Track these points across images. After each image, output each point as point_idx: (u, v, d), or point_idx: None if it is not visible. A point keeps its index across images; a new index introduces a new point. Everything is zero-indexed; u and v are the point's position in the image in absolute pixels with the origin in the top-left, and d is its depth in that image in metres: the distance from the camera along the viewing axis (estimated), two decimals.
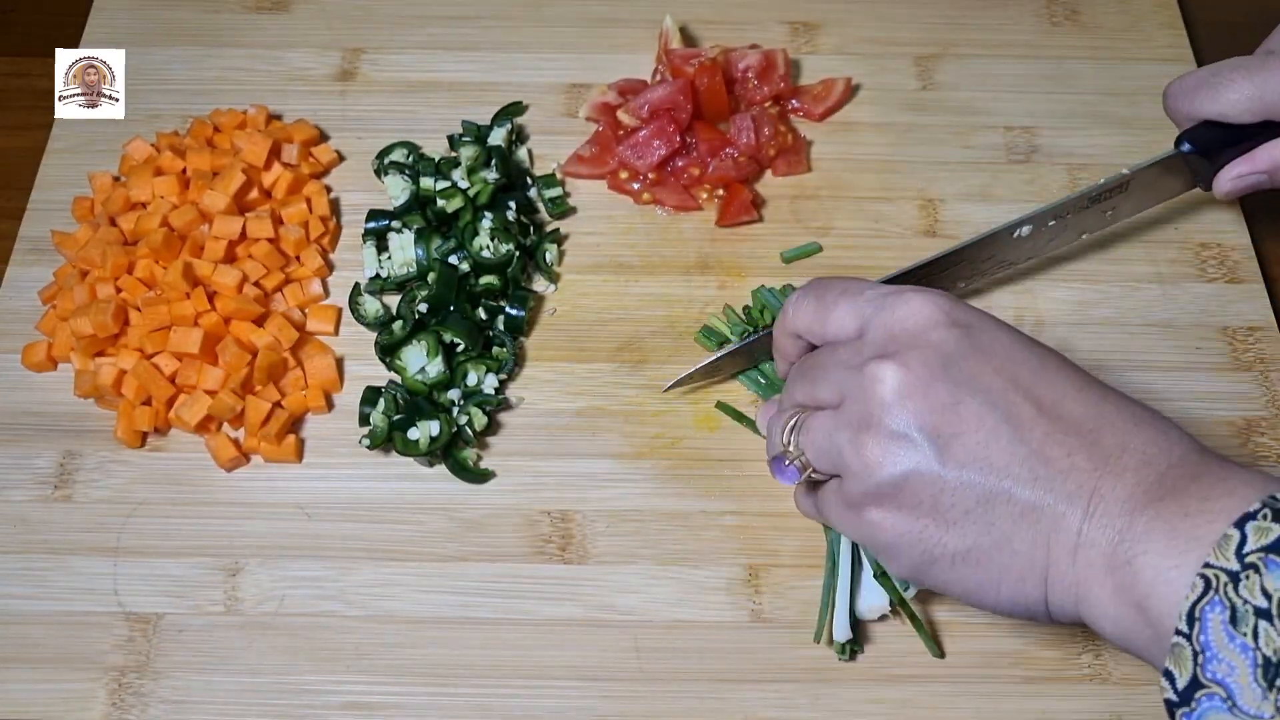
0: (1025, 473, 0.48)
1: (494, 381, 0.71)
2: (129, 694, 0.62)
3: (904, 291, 0.52)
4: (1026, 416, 0.49)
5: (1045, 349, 0.52)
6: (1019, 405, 0.49)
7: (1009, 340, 0.51)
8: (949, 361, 0.50)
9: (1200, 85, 0.67)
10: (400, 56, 0.85)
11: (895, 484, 0.50)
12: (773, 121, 0.79)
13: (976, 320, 0.52)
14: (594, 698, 0.63)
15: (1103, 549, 0.46)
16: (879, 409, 0.50)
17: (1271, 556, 0.42)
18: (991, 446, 0.49)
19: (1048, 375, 0.50)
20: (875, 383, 0.50)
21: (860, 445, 0.50)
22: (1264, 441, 0.71)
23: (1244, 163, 0.67)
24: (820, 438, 0.53)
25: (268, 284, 0.73)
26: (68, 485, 0.68)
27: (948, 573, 0.50)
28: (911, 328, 0.51)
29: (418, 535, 0.67)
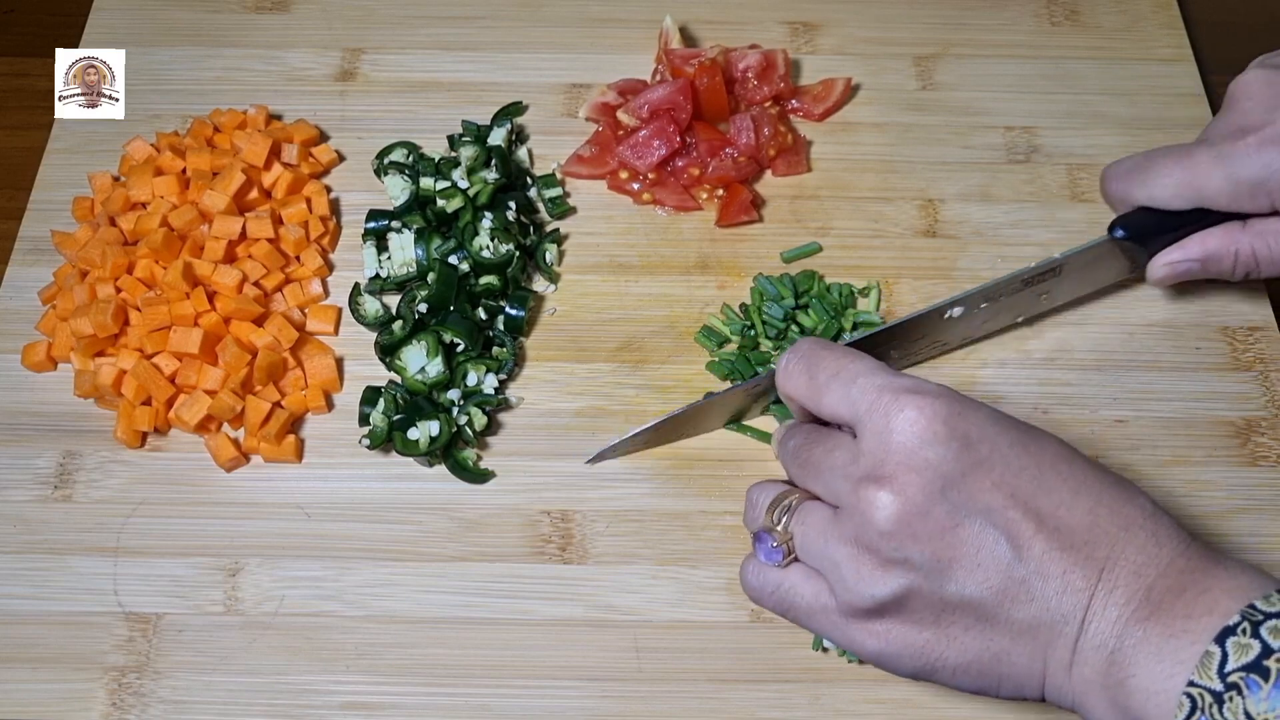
0: (1023, 593, 0.48)
1: (494, 381, 0.71)
2: (129, 694, 0.62)
3: (900, 395, 0.50)
4: (1026, 534, 0.48)
5: (1043, 444, 0.51)
6: (1018, 522, 0.49)
7: (1008, 447, 0.50)
8: (948, 483, 0.49)
9: (1134, 170, 0.67)
10: (400, 56, 0.85)
11: (894, 602, 0.50)
12: (772, 122, 0.79)
13: (975, 428, 0.50)
14: (594, 697, 0.63)
15: (1096, 667, 0.47)
16: (876, 536, 0.49)
17: (1252, 676, 0.43)
18: (991, 568, 0.49)
19: (1046, 483, 0.50)
20: (872, 508, 0.49)
21: (857, 563, 0.50)
22: (1264, 441, 0.71)
23: (1176, 250, 0.67)
24: (814, 541, 0.52)
25: (268, 284, 0.73)
26: (68, 485, 0.68)
27: (948, 679, 0.51)
28: (907, 444, 0.49)
29: (418, 535, 0.67)
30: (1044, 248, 0.77)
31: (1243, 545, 0.67)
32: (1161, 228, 0.67)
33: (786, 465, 0.56)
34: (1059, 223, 0.79)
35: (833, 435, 0.53)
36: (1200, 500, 0.69)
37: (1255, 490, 0.69)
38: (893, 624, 0.50)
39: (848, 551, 0.50)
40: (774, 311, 0.72)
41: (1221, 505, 0.69)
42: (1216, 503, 0.69)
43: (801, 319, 0.72)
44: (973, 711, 0.63)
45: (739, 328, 0.72)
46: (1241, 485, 0.69)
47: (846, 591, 0.50)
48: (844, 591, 0.51)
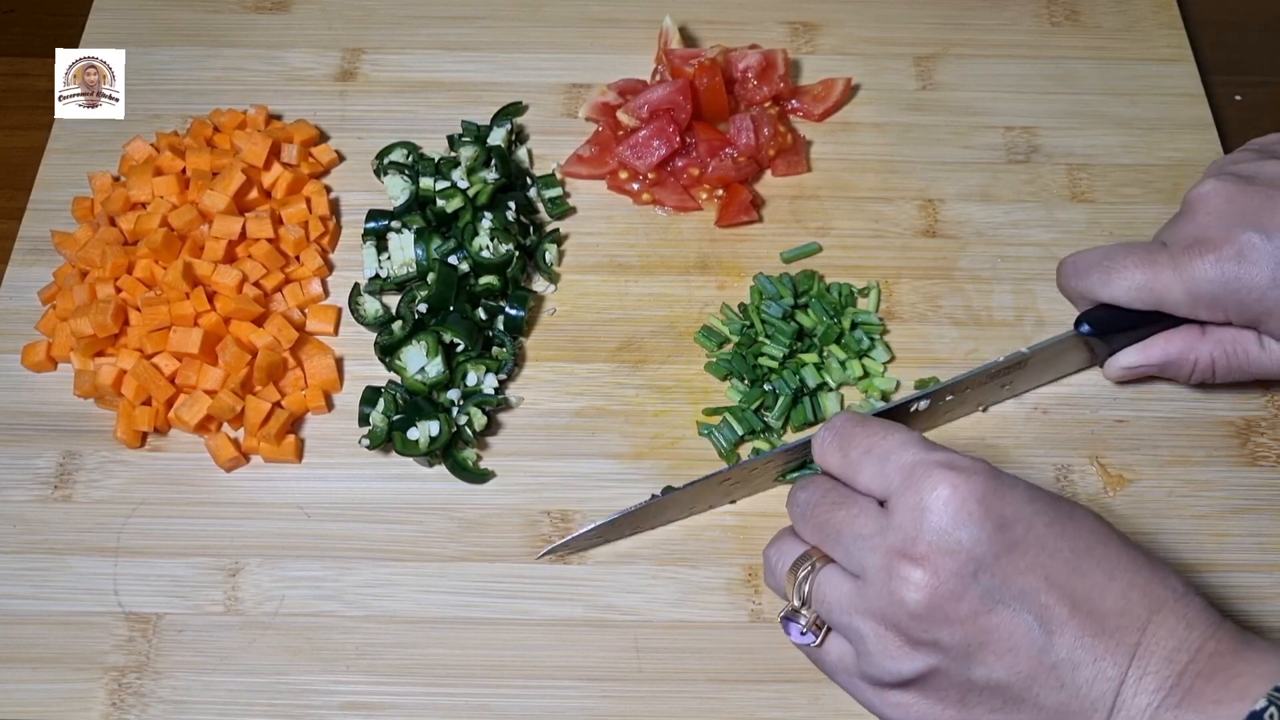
0: (1053, 679, 0.48)
1: (494, 381, 0.71)
2: (129, 694, 0.62)
3: (933, 471, 0.49)
4: (1058, 619, 0.48)
5: (1079, 524, 0.50)
6: (1051, 608, 0.48)
7: (1044, 527, 0.50)
8: (981, 566, 0.48)
9: (1093, 267, 0.66)
10: (400, 56, 0.85)
11: (918, 680, 0.50)
12: (772, 122, 0.79)
13: (1011, 508, 0.50)
14: (594, 697, 0.63)
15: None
16: (905, 616, 0.49)
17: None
18: (1022, 654, 0.48)
19: (1081, 566, 0.49)
20: (903, 587, 0.49)
21: (883, 640, 0.50)
22: (1263, 442, 0.71)
23: (1137, 353, 0.68)
24: (838, 613, 0.52)
25: (267, 284, 0.73)
26: (68, 485, 0.68)
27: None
28: (940, 524, 0.49)
29: (417, 535, 0.67)
30: (1043, 247, 0.77)
31: (1243, 545, 0.67)
32: (1123, 324, 0.67)
33: (797, 522, 0.55)
34: (1059, 223, 0.79)
35: (854, 499, 0.53)
36: (1200, 500, 0.69)
37: (1255, 490, 0.69)
38: (916, 698, 0.50)
39: (874, 627, 0.50)
40: (773, 310, 0.72)
41: (1221, 505, 0.69)
42: (1216, 503, 0.69)
43: (801, 318, 0.72)
44: None
45: (738, 327, 0.72)
46: (1241, 485, 0.69)
47: (871, 665, 0.51)
48: (868, 664, 0.51)
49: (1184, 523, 0.68)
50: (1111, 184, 0.80)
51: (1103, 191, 0.80)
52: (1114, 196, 0.80)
